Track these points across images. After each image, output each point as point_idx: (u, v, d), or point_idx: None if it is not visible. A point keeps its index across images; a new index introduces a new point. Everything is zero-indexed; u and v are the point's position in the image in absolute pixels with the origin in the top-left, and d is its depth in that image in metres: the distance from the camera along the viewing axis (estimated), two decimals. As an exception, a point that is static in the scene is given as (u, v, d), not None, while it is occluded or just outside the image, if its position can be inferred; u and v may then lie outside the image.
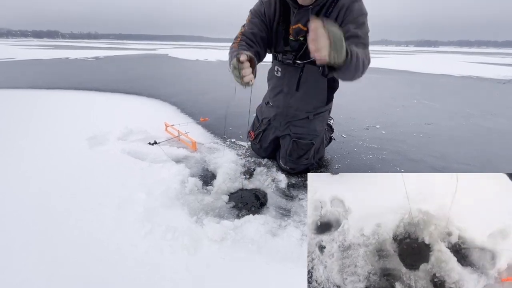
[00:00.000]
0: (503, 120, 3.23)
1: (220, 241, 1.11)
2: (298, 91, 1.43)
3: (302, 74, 1.37)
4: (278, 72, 1.47)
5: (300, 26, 1.25)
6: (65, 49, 18.69)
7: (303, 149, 1.56)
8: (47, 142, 2.04)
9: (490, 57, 20.80)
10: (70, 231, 1.14)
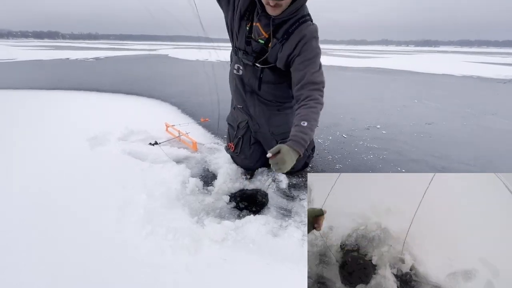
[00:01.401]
0: (504, 120, 3.22)
1: (221, 241, 1.11)
2: (260, 90, 1.43)
3: (263, 76, 1.38)
4: (239, 70, 1.45)
5: (259, 26, 1.25)
6: (65, 49, 18.71)
7: None
8: (48, 142, 2.04)
9: (491, 56, 20.77)
10: (71, 232, 1.14)
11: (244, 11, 1.28)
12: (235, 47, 1.41)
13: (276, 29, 1.22)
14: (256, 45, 1.30)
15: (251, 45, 1.31)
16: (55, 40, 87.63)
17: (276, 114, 1.53)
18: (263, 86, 1.41)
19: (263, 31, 1.25)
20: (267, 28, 1.23)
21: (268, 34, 1.24)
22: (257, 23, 1.26)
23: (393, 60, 14.14)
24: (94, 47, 24.46)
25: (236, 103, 1.62)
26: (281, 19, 1.19)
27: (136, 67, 8.25)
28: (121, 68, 7.77)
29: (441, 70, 9.25)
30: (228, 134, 1.75)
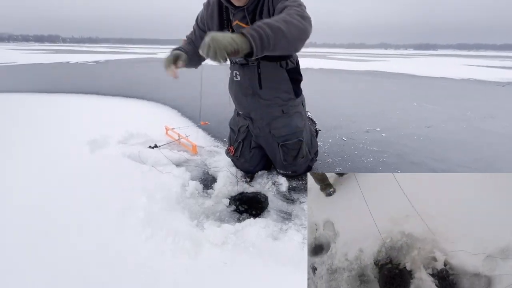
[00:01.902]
0: (504, 123, 3.23)
1: (221, 245, 1.10)
2: (262, 89, 1.41)
3: (260, 71, 1.36)
4: (237, 76, 1.45)
5: (238, 22, 1.26)
6: (66, 53, 18.80)
7: (294, 149, 1.52)
8: (48, 145, 2.04)
9: (489, 60, 20.89)
10: (70, 236, 1.13)
11: (219, 22, 1.31)
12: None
13: (253, 16, 1.23)
14: None
15: None
16: (56, 44, 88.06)
17: (279, 116, 1.50)
18: (264, 82, 1.39)
19: (243, 24, 1.26)
20: (245, 20, 1.25)
21: (247, 24, 1.24)
22: (235, 22, 1.27)
23: (392, 63, 14.23)
24: (95, 51, 24.57)
25: (238, 110, 1.62)
26: (252, 4, 1.21)
27: (136, 70, 8.28)
28: (121, 72, 7.80)
29: (440, 73, 9.30)
30: (229, 138, 1.76)
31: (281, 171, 1.63)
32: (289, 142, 1.51)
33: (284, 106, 1.48)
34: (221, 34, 0.83)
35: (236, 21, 1.26)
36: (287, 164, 1.55)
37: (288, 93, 1.47)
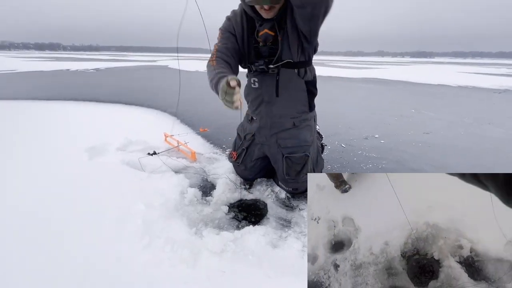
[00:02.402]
0: (501, 129, 3.25)
1: (220, 253, 1.09)
2: (278, 97, 1.40)
3: (279, 78, 1.36)
4: (255, 83, 1.44)
5: (267, 31, 1.29)
6: (66, 61, 18.94)
7: (299, 164, 1.46)
8: (46, 153, 2.03)
9: (485, 67, 21.17)
10: (68, 244, 1.12)
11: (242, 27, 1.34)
12: (248, 65, 1.43)
13: (279, 23, 1.27)
14: (264, 49, 1.32)
15: (260, 52, 1.35)
16: (56, 52, 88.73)
17: (289, 128, 1.48)
18: (281, 91, 1.39)
19: (272, 32, 1.29)
20: (274, 29, 1.28)
21: (275, 31, 1.28)
22: (263, 31, 1.29)
23: (390, 70, 14.39)
24: (95, 58, 24.77)
25: (252, 115, 1.59)
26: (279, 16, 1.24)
27: (136, 77, 8.34)
28: (121, 79, 7.85)
29: (436, 80, 9.40)
30: (234, 143, 1.74)
31: (282, 186, 1.58)
32: (294, 155, 1.46)
33: (296, 118, 1.46)
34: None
35: (266, 30, 1.29)
36: (289, 179, 1.49)
37: (303, 105, 1.46)
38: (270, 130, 1.49)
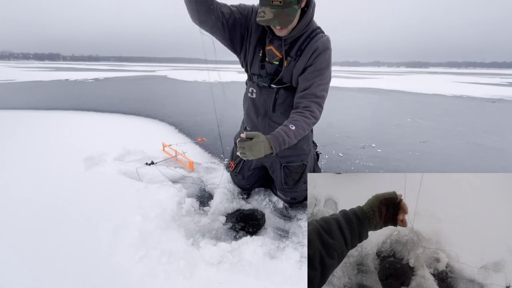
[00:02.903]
0: (496, 138, 3.29)
1: (217, 264, 1.08)
2: (274, 113, 1.42)
3: (278, 97, 1.37)
4: (253, 93, 1.45)
5: (273, 49, 1.28)
6: (65, 71, 19.06)
7: (297, 173, 1.47)
8: (44, 163, 2.02)
9: (479, 77, 21.57)
10: (64, 256, 1.10)
11: (257, 39, 1.33)
12: (250, 74, 1.43)
13: (289, 48, 1.25)
14: (270, 67, 1.32)
15: (265, 68, 1.34)
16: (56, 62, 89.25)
17: None
18: (278, 108, 1.40)
19: (277, 52, 1.28)
20: (280, 49, 1.26)
21: (282, 54, 1.26)
22: (270, 47, 1.29)
23: (385, 80, 14.61)
24: (94, 68, 24.96)
25: (246, 125, 1.61)
26: (292, 37, 1.23)
27: (134, 87, 8.39)
28: (119, 89, 7.89)
29: (431, 90, 9.55)
30: (231, 153, 1.74)
31: (280, 196, 1.59)
32: (292, 164, 1.47)
33: None
34: (256, 148, 1.00)
35: (271, 47, 1.28)
36: (287, 188, 1.50)
37: None
38: None
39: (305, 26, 1.20)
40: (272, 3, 1.05)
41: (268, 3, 1.06)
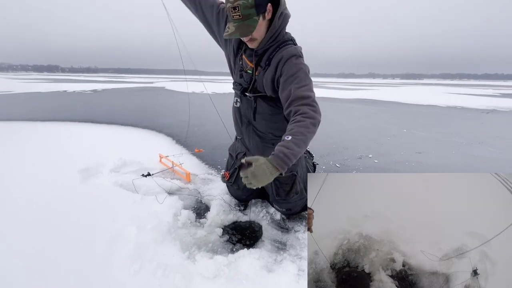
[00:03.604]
0: (491, 149, 3.33)
1: (212, 278, 1.05)
2: (256, 121, 1.43)
3: (257, 105, 1.39)
4: (237, 102, 1.49)
5: (245, 58, 1.32)
6: (63, 82, 19.15)
7: (287, 184, 1.44)
8: (39, 174, 2.00)
9: (472, 88, 22.02)
10: (57, 269, 1.07)
11: (237, 48, 1.37)
12: (234, 82, 1.47)
13: (260, 58, 1.28)
14: (247, 76, 1.35)
15: (243, 77, 1.37)
16: (54, 74, 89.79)
17: (271, 148, 1.43)
18: (258, 116, 1.42)
19: (248, 61, 1.32)
20: (251, 58, 1.30)
21: (253, 63, 1.30)
22: (244, 56, 1.33)
23: (381, 92, 14.85)
24: (93, 80, 25.12)
25: (237, 135, 1.63)
26: (262, 49, 1.26)
27: (132, 99, 8.43)
28: (117, 100, 7.92)
29: (426, 101, 9.71)
30: (226, 163, 1.74)
31: (276, 207, 1.57)
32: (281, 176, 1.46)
33: (276, 141, 1.44)
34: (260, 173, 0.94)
35: (244, 56, 1.33)
36: (280, 200, 1.48)
37: (282, 131, 1.41)
38: (256, 151, 1.51)
39: (274, 37, 1.22)
40: (233, 18, 1.10)
41: (231, 18, 1.12)
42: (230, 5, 1.08)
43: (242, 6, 1.07)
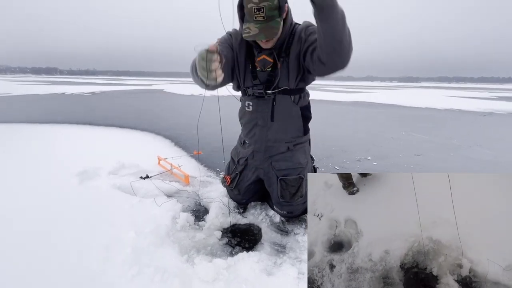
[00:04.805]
0: (489, 151, 3.34)
1: (212, 281, 1.04)
2: (273, 121, 1.41)
3: (275, 104, 1.38)
4: (249, 106, 1.45)
5: (265, 57, 1.30)
6: (62, 84, 19.11)
7: (293, 186, 1.44)
8: (36, 177, 1.98)
9: (469, 91, 22.18)
10: (53, 275, 1.05)
11: (245, 56, 1.36)
12: (244, 89, 1.44)
13: (279, 52, 1.29)
14: (263, 75, 1.34)
15: (258, 78, 1.36)
16: (53, 76, 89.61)
17: (283, 152, 1.47)
18: (276, 116, 1.40)
19: (269, 58, 1.30)
20: (271, 56, 1.29)
21: (274, 59, 1.29)
22: (262, 56, 1.31)
23: (379, 94, 14.92)
24: (91, 82, 25.08)
25: (245, 138, 1.59)
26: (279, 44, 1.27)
27: (131, 101, 8.42)
28: (116, 102, 7.91)
29: (424, 104, 9.76)
30: (227, 167, 1.72)
31: (276, 210, 1.56)
32: (289, 177, 1.45)
33: (290, 143, 1.47)
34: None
35: (263, 56, 1.30)
36: (284, 202, 1.47)
37: (297, 130, 1.47)
38: (264, 154, 1.49)
39: (287, 32, 1.25)
40: (256, 19, 1.08)
41: (251, 19, 1.09)
42: (254, 6, 1.06)
43: (267, 7, 1.05)
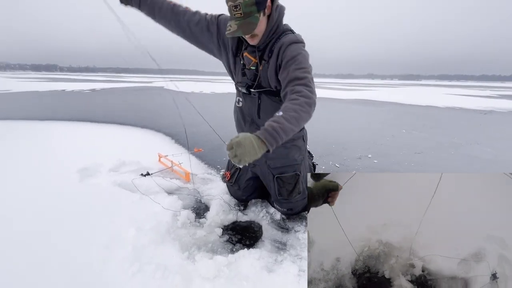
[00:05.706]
0: (489, 149, 3.34)
1: (212, 278, 1.04)
2: (260, 119, 1.41)
3: (261, 102, 1.39)
4: (239, 102, 1.48)
5: (247, 55, 1.32)
6: (62, 81, 19.06)
7: (290, 183, 1.45)
8: (37, 174, 1.98)
9: (470, 90, 22.12)
10: (54, 272, 1.06)
11: (236, 49, 1.37)
12: (236, 83, 1.45)
13: (263, 52, 1.29)
14: (250, 73, 1.35)
15: (246, 75, 1.37)
16: (53, 73, 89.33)
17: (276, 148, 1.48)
18: (262, 114, 1.41)
19: (251, 57, 1.32)
20: (254, 54, 1.30)
21: (256, 58, 1.30)
22: (245, 53, 1.33)
23: (379, 92, 14.88)
24: (91, 79, 25.02)
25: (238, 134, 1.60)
26: (263, 43, 1.27)
27: (131, 98, 8.40)
28: (116, 99, 7.89)
29: (425, 102, 9.73)
30: (227, 163, 1.73)
31: (277, 207, 1.56)
32: (285, 175, 1.46)
33: None
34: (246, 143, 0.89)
35: (246, 53, 1.33)
36: (282, 200, 1.48)
37: None
38: None
39: (273, 29, 1.23)
40: (235, 16, 1.11)
41: (232, 17, 1.13)
42: (232, 3, 1.08)
43: (243, 4, 1.07)
